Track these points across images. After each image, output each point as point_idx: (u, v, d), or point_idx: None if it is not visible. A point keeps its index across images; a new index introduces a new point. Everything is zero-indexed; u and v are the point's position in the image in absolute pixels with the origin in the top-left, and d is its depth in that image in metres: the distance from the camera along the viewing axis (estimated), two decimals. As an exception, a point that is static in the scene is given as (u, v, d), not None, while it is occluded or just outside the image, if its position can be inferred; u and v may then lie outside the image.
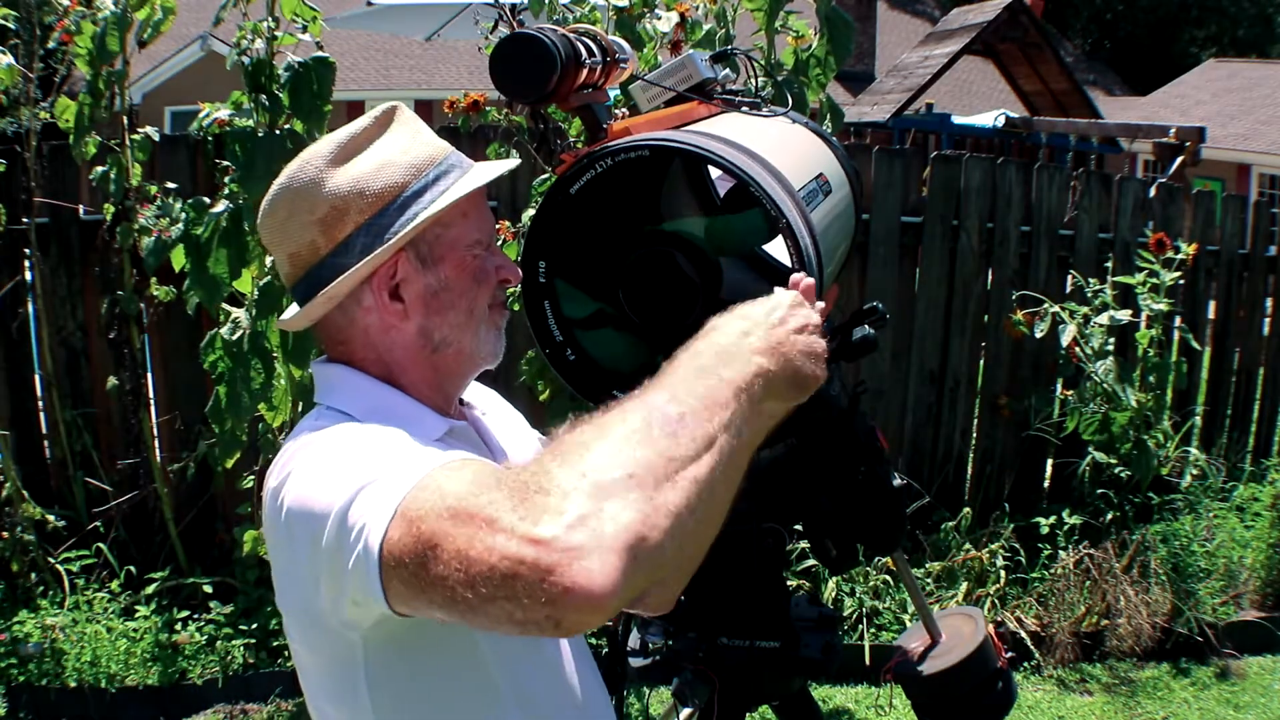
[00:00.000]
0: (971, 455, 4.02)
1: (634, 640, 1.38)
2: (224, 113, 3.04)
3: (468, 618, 0.80)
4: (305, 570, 0.95)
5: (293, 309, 1.15)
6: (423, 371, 1.11)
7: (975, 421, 4.03)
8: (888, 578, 3.52)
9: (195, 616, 3.23)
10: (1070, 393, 3.82)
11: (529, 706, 1.07)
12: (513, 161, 1.18)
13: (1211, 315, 4.48)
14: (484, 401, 1.27)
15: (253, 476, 3.13)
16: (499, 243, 3.22)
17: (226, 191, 2.88)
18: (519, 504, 0.78)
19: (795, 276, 1.03)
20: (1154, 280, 3.75)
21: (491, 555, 0.76)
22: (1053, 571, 3.59)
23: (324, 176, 1.05)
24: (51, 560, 3.25)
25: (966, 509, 3.74)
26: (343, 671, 1.02)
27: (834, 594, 3.47)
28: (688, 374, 0.89)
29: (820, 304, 1.03)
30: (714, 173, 1.20)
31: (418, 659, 1.02)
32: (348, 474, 0.92)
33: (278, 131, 2.78)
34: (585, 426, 0.84)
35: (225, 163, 2.94)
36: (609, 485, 0.77)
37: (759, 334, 0.94)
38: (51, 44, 3.10)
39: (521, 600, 0.75)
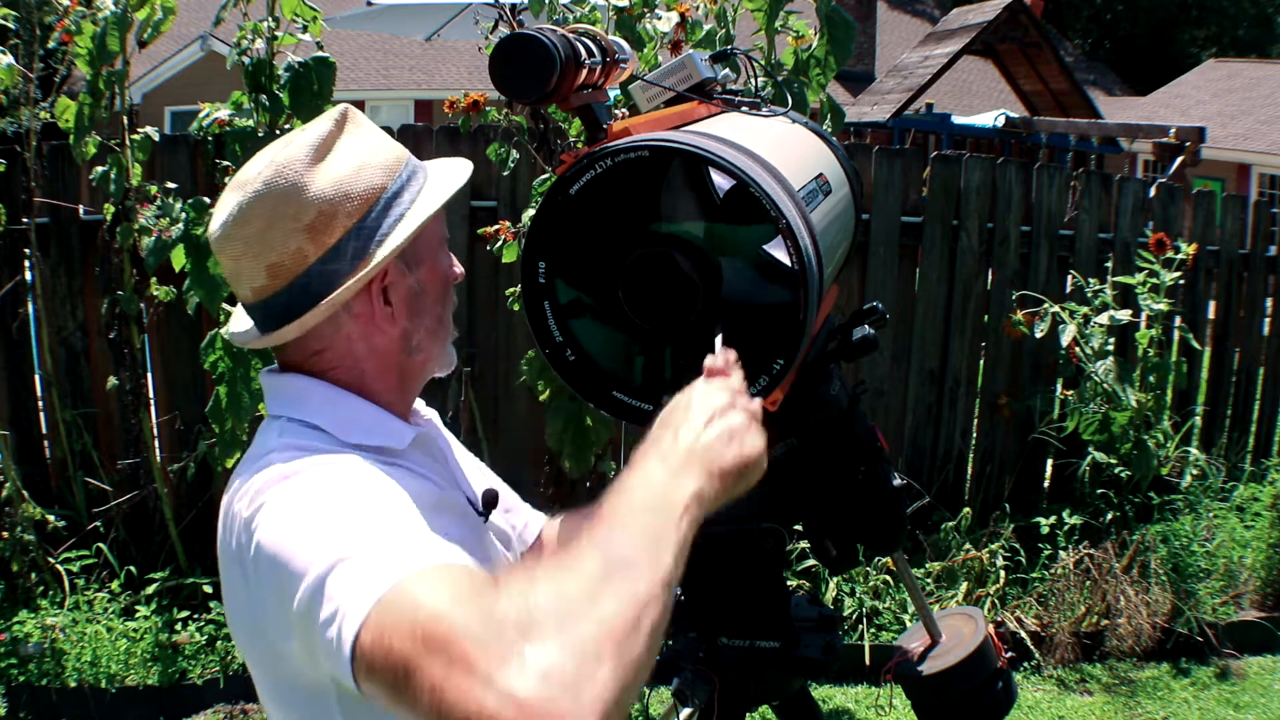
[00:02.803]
0: (971, 455, 4.02)
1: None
2: (224, 113, 3.04)
3: None
4: (273, 619, 0.93)
5: (242, 322, 1.10)
6: (391, 378, 1.10)
7: (975, 421, 4.03)
8: (888, 578, 3.52)
9: (195, 616, 3.22)
10: (1070, 393, 3.82)
11: None
12: (465, 163, 1.15)
13: (1211, 315, 4.48)
14: (425, 410, 1.27)
15: (253, 476, 3.13)
16: (499, 243, 3.23)
17: (226, 191, 2.88)
18: (496, 639, 0.74)
19: (708, 361, 0.99)
20: (1154, 280, 3.75)
21: (467, 703, 0.73)
22: (1053, 571, 3.59)
23: (306, 181, 1.02)
24: (51, 560, 3.25)
25: (966, 509, 3.74)
26: (317, 708, 0.99)
27: (834, 594, 3.47)
28: (632, 514, 0.85)
29: (736, 376, 0.98)
30: (714, 173, 1.20)
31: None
32: (325, 537, 0.88)
33: (278, 132, 2.78)
34: (551, 563, 0.81)
35: (225, 163, 2.94)
36: (587, 640, 0.75)
37: (679, 458, 0.90)
38: (51, 44, 3.09)
39: None
